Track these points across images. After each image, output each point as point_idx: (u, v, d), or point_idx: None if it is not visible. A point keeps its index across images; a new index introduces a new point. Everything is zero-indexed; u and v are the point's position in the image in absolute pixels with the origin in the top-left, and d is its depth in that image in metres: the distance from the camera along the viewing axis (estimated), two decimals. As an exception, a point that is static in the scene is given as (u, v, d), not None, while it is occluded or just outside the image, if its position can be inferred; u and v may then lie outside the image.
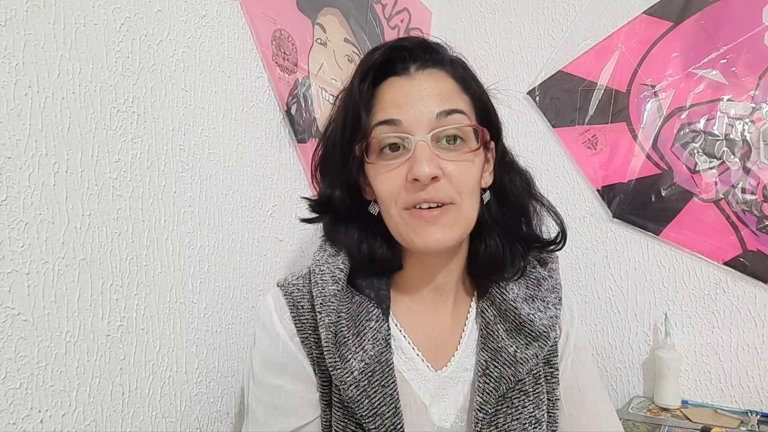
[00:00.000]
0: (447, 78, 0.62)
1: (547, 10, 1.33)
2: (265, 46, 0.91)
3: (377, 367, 0.59)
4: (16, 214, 0.57)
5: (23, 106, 0.58)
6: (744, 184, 1.10)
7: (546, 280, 0.66)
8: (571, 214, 1.28)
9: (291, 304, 0.64)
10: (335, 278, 0.62)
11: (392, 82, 0.61)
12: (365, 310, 0.62)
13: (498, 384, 0.61)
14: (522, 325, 0.63)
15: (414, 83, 0.60)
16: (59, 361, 0.60)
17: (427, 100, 0.59)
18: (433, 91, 0.60)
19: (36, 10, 0.59)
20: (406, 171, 0.58)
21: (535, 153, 1.32)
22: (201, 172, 0.80)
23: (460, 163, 0.59)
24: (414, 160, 0.57)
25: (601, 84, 1.24)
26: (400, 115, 0.58)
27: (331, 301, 0.60)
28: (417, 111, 0.58)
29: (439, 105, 0.59)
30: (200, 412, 0.79)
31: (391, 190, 0.59)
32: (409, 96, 0.59)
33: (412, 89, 0.59)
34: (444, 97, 0.60)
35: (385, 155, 0.59)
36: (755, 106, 1.09)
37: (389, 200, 0.60)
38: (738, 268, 1.09)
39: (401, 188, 0.58)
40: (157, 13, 0.74)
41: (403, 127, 0.58)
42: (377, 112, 0.60)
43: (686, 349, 1.14)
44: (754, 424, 0.99)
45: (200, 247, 0.79)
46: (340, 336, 0.60)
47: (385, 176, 0.59)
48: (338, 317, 0.60)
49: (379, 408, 0.58)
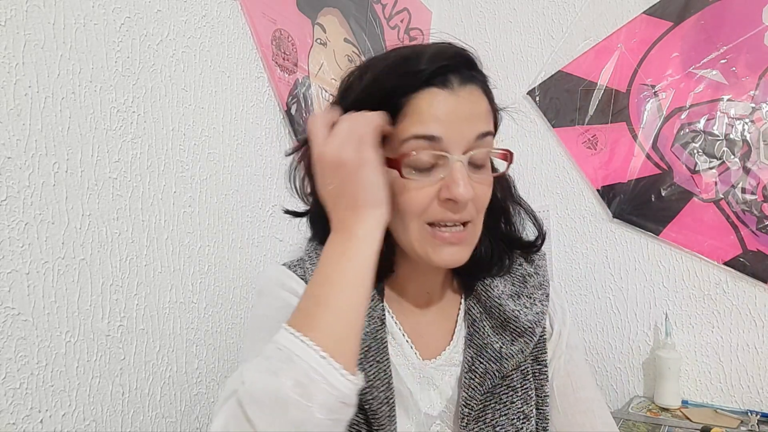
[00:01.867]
0: (483, 96, 0.61)
1: (547, 10, 1.33)
2: (265, 46, 0.91)
3: (373, 343, 0.60)
4: (16, 214, 0.57)
5: (23, 106, 0.58)
6: (744, 184, 1.09)
7: (532, 277, 0.67)
8: (571, 214, 1.28)
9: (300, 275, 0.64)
10: None
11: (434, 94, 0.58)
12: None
13: (483, 379, 0.62)
14: (507, 321, 0.63)
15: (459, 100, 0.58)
16: (59, 361, 0.60)
17: (470, 120, 0.58)
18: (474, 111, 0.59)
19: (36, 10, 0.59)
20: (439, 188, 0.57)
21: (535, 153, 1.32)
22: (201, 172, 0.80)
23: (483, 186, 0.60)
24: (453, 181, 0.56)
25: (601, 84, 1.24)
26: (442, 133, 0.56)
27: None
28: (459, 130, 0.57)
29: (479, 127, 0.58)
30: (200, 412, 0.79)
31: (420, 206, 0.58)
32: (452, 114, 0.57)
33: (457, 107, 0.58)
34: (482, 118, 0.59)
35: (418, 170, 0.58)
36: (755, 106, 1.09)
37: (413, 215, 0.59)
38: (738, 268, 1.09)
39: (430, 204, 0.58)
40: (157, 13, 0.74)
41: (443, 144, 0.57)
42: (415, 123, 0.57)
43: (686, 349, 1.14)
44: (754, 424, 0.99)
45: (200, 247, 0.79)
46: None
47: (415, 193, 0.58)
48: None
49: (374, 381, 0.59)
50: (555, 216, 1.29)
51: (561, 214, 1.29)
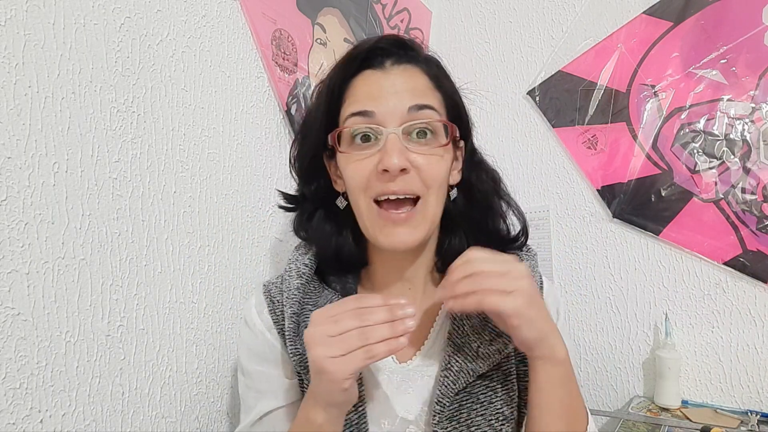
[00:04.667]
0: (420, 74, 0.64)
1: (547, 10, 1.33)
2: (265, 46, 0.91)
3: None
4: (16, 214, 0.57)
5: (23, 106, 0.58)
6: (744, 184, 1.09)
7: None
8: (571, 214, 1.28)
9: (269, 300, 0.68)
10: (299, 273, 0.66)
11: (367, 75, 0.63)
12: (329, 302, 0.66)
13: (457, 377, 0.62)
14: (486, 321, 0.64)
15: (388, 77, 0.62)
16: (59, 361, 0.61)
17: (401, 94, 0.60)
18: (407, 85, 0.61)
19: (36, 10, 0.59)
20: (377, 161, 0.59)
21: (535, 153, 1.32)
22: (201, 172, 0.80)
23: (429, 157, 0.61)
24: (384, 152, 0.58)
25: (601, 84, 1.24)
26: (374, 107, 0.60)
27: (294, 294, 0.64)
28: (390, 104, 0.60)
29: (411, 99, 0.60)
30: (200, 412, 0.79)
31: (360, 179, 0.61)
32: (383, 89, 0.60)
33: (386, 83, 0.61)
34: (417, 92, 0.62)
35: (357, 145, 0.61)
36: (755, 106, 1.09)
37: (358, 190, 0.61)
38: (738, 268, 1.09)
39: (370, 178, 0.60)
40: (157, 13, 0.74)
41: (376, 118, 0.60)
42: (352, 104, 0.61)
43: (686, 349, 1.14)
44: (754, 424, 0.99)
45: (200, 247, 0.79)
46: (302, 326, 0.63)
47: (356, 165, 0.61)
48: (302, 309, 0.64)
49: None
50: (555, 216, 1.29)
51: (561, 214, 1.29)
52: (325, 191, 0.68)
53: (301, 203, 0.71)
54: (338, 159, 0.64)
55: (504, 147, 1.37)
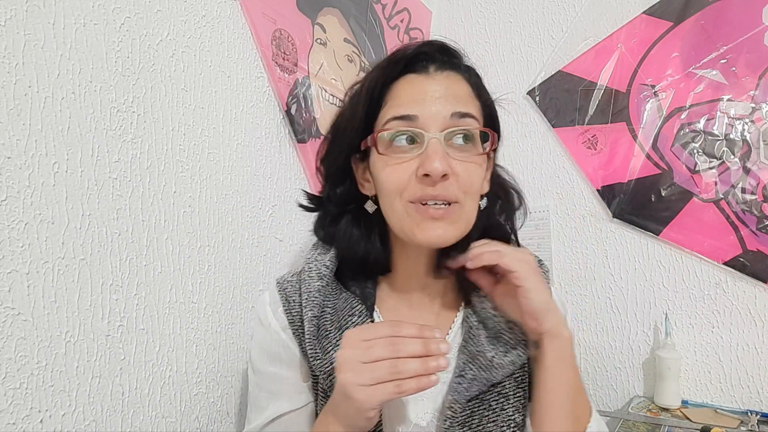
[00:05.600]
0: (463, 82, 0.64)
1: (547, 10, 1.33)
2: (265, 46, 0.91)
3: None
4: (16, 214, 0.57)
5: (23, 106, 0.58)
6: (744, 184, 1.09)
7: None
8: (571, 214, 1.28)
9: (284, 299, 0.67)
10: (320, 275, 0.65)
11: (410, 79, 0.62)
12: (349, 306, 0.65)
13: (470, 385, 0.62)
14: (501, 333, 0.64)
15: (433, 82, 0.61)
16: (59, 361, 0.60)
17: (445, 99, 0.60)
18: (450, 92, 0.61)
19: (36, 10, 0.59)
20: (417, 166, 0.59)
21: (535, 153, 1.32)
22: (201, 172, 0.80)
23: (468, 164, 0.61)
24: (426, 156, 0.58)
25: (601, 84, 1.24)
26: (417, 111, 0.59)
27: (315, 296, 0.63)
28: (434, 108, 0.59)
29: (454, 106, 0.60)
30: (200, 412, 0.79)
31: (398, 182, 0.60)
32: (427, 94, 0.60)
33: (431, 87, 0.61)
34: (460, 99, 0.62)
35: (396, 148, 0.60)
36: (755, 106, 1.09)
37: (394, 193, 0.60)
38: (738, 268, 1.09)
39: (409, 182, 0.60)
40: (157, 13, 0.74)
41: (419, 122, 0.59)
42: (393, 107, 0.61)
43: (686, 349, 1.14)
44: (754, 424, 0.99)
45: (200, 247, 0.79)
46: (322, 329, 0.63)
47: (394, 168, 0.60)
48: (322, 311, 0.63)
49: None
50: (555, 216, 1.29)
51: (561, 214, 1.29)
52: (352, 194, 0.67)
53: (325, 205, 0.70)
54: (372, 162, 0.63)
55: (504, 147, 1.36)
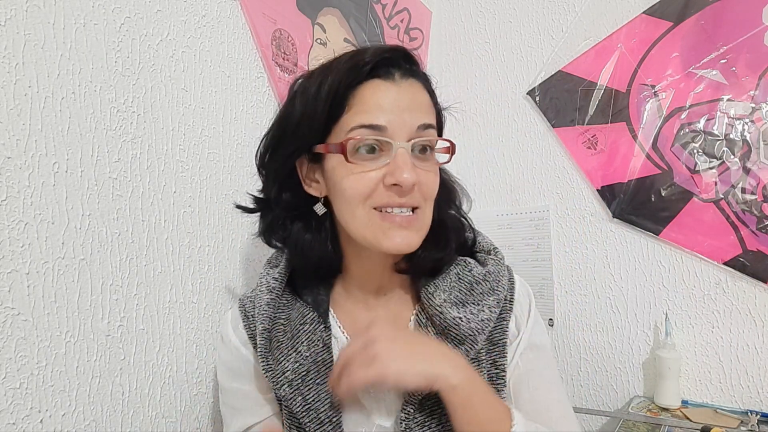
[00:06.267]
0: (423, 91, 0.65)
1: (547, 10, 1.33)
2: (265, 46, 0.91)
3: (312, 366, 0.63)
4: (16, 214, 0.57)
5: (23, 106, 0.58)
6: (744, 184, 1.09)
7: (480, 284, 0.66)
8: (571, 214, 1.28)
9: (243, 315, 0.68)
10: (270, 288, 0.67)
11: (376, 85, 0.61)
12: (301, 315, 0.66)
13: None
14: (447, 329, 0.63)
15: (400, 90, 0.61)
16: (59, 361, 0.61)
17: (412, 110, 0.60)
18: (416, 102, 0.62)
19: (36, 10, 0.59)
20: (383, 174, 0.59)
21: (535, 153, 1.32)
22: (201, 172, 0.80)
23: (428, 173, 0.62)
24: (396, 166, 0.58)
25: (601, 84, 1.24)
26: (386, 122, 0.59)
27: (265, 310, 0.65)
28: (402, 119, 0.59)
29: (420, 118, 0.61)
30: (200, 412, 0.79)
31: (364, 189, 0.60)
32: (395, 103, 0.60)
33: (398, 96, 0.60)
34: (424, 109, 0.62)
35: (361, 155, 0.60)
36: (755, 106, 1.09)
37: (358, 200, 0.60)
38: (738, 268, 1.09)
39: (375, 190, 0.60)
40: (157, 13, 0.74)
41: (387, 132, 0.59)
42: (360, 113, 0.60)
43: (686, 349, 1.14)
44: (754, 424, 0.99)
45: (200, 247, 0.79)
46: (274, 341, 0.65)
47: (359, 176, 0.60)
48: (274, 324, 0.65)
49: (313, 404, 0.62)
50: (555, 216, 1.29)
51: (561, 214, 1.29)
52: (301, 196, 0.66)
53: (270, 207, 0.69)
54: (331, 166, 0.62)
55: (504, 147, 1.37)
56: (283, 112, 0.66)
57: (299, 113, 0.62)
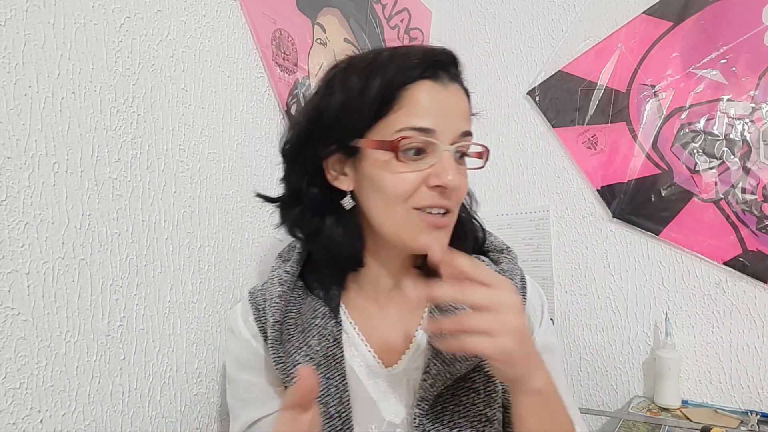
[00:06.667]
0: (465, 97, 0.65)
1: (547, 10, 1.33)
2: (265, 46, 0.91)
3: (322, 360, 0.63)
4: (16, 214, 0.57)
5: (23, 106, 0.58)
6: (744, 184, 1.10)
7: None
8: (571, 214, 1.28)
9: (254, 308, 0.68)
10: (282, 280, 0.67)
11: (427, 87, 0.60)
12: (312, 309, 0.66)
13: (434, 381, 0.62)
14: None
15: (449, 95, 0.62)
16: (59, 361, 0.61)
17: (458, 116, 0.62)
18: (461, 108, 0.63)
19: (36, 10, 0.59)
20: (426, 175, 0.60)
21: (535, 153, 1.32)
22: (201, 172, 0.80)
23: (464, 178, 0.64)
24: (443, 168, 0.59)
25: (601, 84, 1.24)
26: (436, 126, 0.59)
27: (276, 302, 0.65)
28: (450, 124, 0.60)
29: (465, 124, 0.63)
30: (200, 412, 0.79)
31: (407, 189, 0.60)
32: (445, 108, 0.61)
33: (448, 102, 0.61)
34: (466, 116, 0.64)
35: (407, 156, 0.60)
36: (755, 106, 1.09)
37: (399, 199, 0.60)
38: (738, 268, 1.09)
39: (417, 190, 0.60)
40: (157, 13, 0.74)
41: (435, 135, 0.60)
42: (411, 116, 0.59)
43: (686, 349, 1.14)
44: (754, 424, 0.99)
45: (200, 247, 0.79)
46: (285, 333, 0.64)
47: (403, 176, 0.60)
48: (285, 316, 0.65)
49: (323, 398, 0.62)
50: (555, 216, 1.29)
51: (561, 214, 1.29)
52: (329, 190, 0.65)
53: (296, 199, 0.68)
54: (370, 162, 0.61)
55: (504, 147, 1.37)
56: (317, 104, 0.64)
57: (340, 107, 0.61)
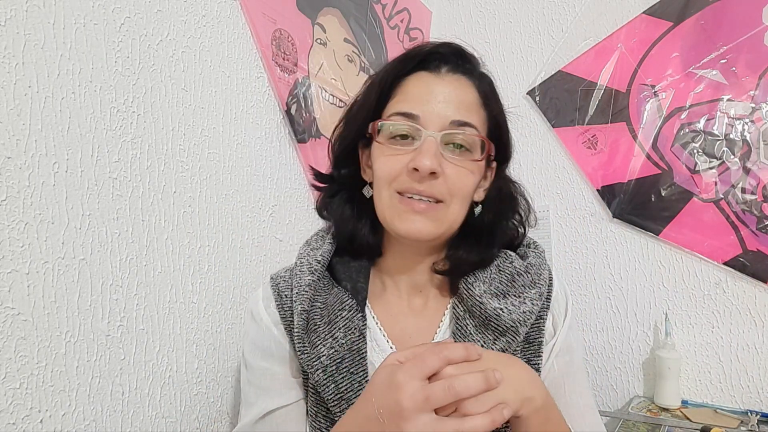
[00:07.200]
0: (471, 89, 0.65)
1: (547, 10, 1.33)
2: (265, 46, 0.91)
3: (347, 354, 0.62)
4: (16, 214, 0.57)
5: (23, 106, 0.58)
6: (744, 184, 1.09)
7: (522, 276, 0.66)
8: (571, 214, 1.28)
9: (276, 294, 0.67)
10: (311, 269, 0.66)
11: (421, 77, 0.64)
12: (339, 300, 0.65)
13: None
14: (488, 320, 0.63)
15: (441, 83, 0.63)
16: (59, 361, 0.60)
17: (448, 103, 0.62)
18: (455, 97, 0.63)
19: (36, 10, 0.59)
20: (409, 159, 0.61)
21: (535, 153, 1.32)
22: (201, 172, 0.80)
23: (459, 168, 0.62)
24: (419, 152, 0.60)
25: (601, 84, 1.24)
26: (419, 111, 0.61)
27: (305, 291, 0.64)
28: (436, 110, 0.61)
29: (456, 113, 0.62)
30: (200, 412, 0.79)
31: (390, 172, 0.62)
32: (432, 94, 0.62)
33: (437, 88, 0.62)
34: (463, 106, 0.63)
35: (395, 140, 0.62)
36: (755, 106, 1.09)
37: (385, 181, 0.62)
38: (738, 268, 1.09)
39: (400, 174, 0.61)
40: (157, 13, 0.74)
41: (419, 121, 0.61)
42: (400, 102, 0.63)
43: (686, 349, 1.14)
44: (754, 424, 0.99)
45: (200, 247, 0.79)
46: (311, 323, 0.63)
47: (388, 158, 0.62)
48: (312, 306, 0.64)
49: (345, 393, 0.61)
50: (555, 216, 1.29)
51: (561, 214, 1.29)
52: (354, 178, 0.69)
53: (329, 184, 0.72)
54: (373, 149, 0.65)
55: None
56: (353, 100, 0.70)
57: (360, 101, 0.67)
